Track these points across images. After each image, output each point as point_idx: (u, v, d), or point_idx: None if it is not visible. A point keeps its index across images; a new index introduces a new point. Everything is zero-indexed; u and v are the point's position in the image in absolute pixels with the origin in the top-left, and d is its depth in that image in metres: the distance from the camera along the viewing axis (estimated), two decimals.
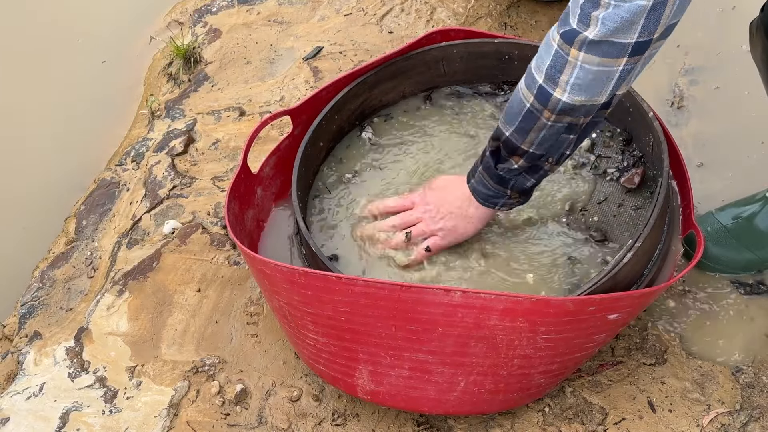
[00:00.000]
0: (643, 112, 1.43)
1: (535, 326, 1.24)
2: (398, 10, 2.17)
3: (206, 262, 1.71)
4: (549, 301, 1.23)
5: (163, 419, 1.50)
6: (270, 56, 2.12)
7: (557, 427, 1.44)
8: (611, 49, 1.07)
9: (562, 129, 1.19)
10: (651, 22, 1.05)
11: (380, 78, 1.58)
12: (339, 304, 1.25)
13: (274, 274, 1.29)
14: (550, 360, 1.32)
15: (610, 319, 1.29)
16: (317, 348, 1.36)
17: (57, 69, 2.27)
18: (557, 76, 1.13)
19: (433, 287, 1.21)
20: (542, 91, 1.15)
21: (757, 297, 1.58)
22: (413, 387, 1.33)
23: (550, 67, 1.14)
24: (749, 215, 1.58)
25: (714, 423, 1.43)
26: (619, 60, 1.09)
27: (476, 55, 1.58)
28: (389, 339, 1.27)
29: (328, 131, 1.55)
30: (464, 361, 1.29)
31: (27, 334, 1.67)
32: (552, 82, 1.14)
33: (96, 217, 1.87)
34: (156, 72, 2.20)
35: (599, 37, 1.07)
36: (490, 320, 1.22)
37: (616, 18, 1.04)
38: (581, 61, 1.10)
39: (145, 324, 1.64)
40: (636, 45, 1.07)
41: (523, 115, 1.20)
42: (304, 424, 1.47)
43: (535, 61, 1.18)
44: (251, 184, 1.48)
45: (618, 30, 1.05)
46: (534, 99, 1.17)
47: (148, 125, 2.05)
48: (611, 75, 1.11)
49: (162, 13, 2.34)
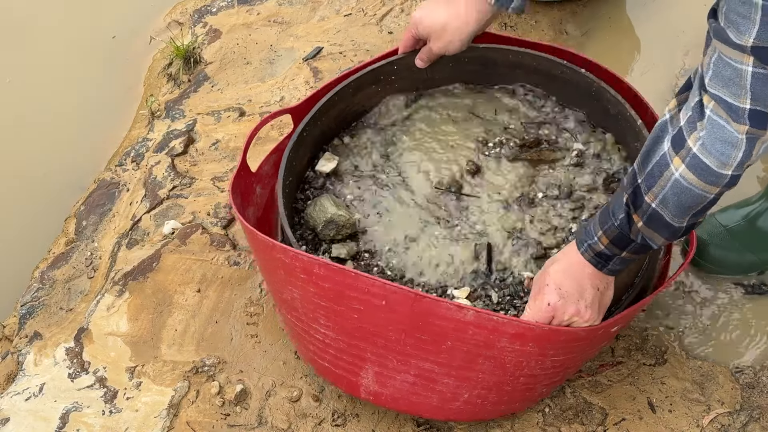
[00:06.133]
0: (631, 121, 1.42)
1: (544, 350, 1.25)
2: (398, 11, 2.17)
3: (206, 263, 1.71)
4: (560, 331, 1.23)
5: (163, 419, 1.50)
6: (270, 56, 2.12)
7: (557, 427, 1.44)
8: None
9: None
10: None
11: (362, 83, 1.54)
12: (354, 301, 1.25)
13: (293, 262, 1.27)
14: (555, 375, 1.34)
15: (612, 331, 1.32)
16: (325, 343, 1.35)
17: (57, 69, 2.27)
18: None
19: (447, 302, 1.21)
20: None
21: (757, 297, 1.58)
22: (417, 393, 1.33)
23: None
24: (750, 217, 1.58)
25: (714, 423, 1.43)
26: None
27: (460, 60, 1.56)
28: (398, 343, 1.27)
29: (311, 137, 1.52)
30: (470, 376, 1.29)
31: (27, 334, 1.67)
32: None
33: (96, 217, 1.86)
34: (156, 72, 2.20)
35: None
36: (500, 342, 1.22)
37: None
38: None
39: (145, 324, 1.64)
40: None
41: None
42: (304, 425, 1.47)
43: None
44: (251, 182, 1.48)
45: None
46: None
47: (148, 125, 2.05)
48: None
49: (162, 13, 2.34)
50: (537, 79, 1.56)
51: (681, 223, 1.12)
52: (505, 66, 1.56)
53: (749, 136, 1.00)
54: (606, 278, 1.24)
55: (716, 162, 1.03)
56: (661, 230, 1.14)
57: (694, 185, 1.06)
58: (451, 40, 1.44)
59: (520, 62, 1.54)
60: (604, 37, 2.05)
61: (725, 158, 1.02)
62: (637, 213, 1.15)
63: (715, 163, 1.03)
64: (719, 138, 1.02)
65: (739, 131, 1.00)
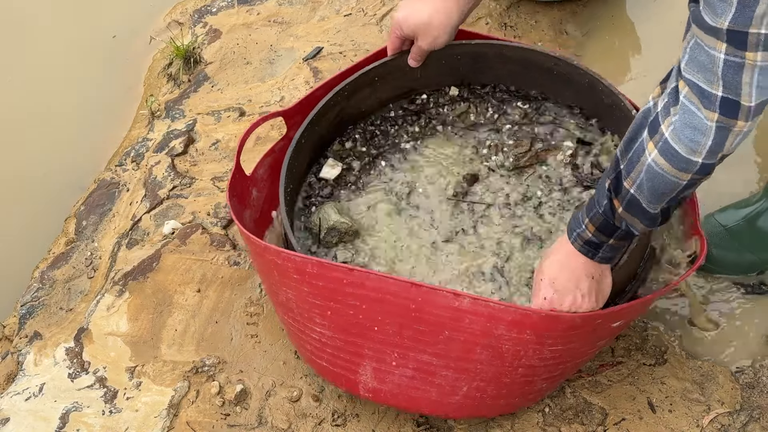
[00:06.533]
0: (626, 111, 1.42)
1: (542, 339, 1.25)
2: None
3: (206, 263, 1.71)
4: (557, 317, 1.23)
5: (163, 419, 1.50)
6: (270, 56, 2.12)
7: (557, 427, 1.44)
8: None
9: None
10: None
11: (357, 86, 1.54)
12: (350, 297, 1.25)
13: (285, 264, 1.28)
14: (554, 368, 1.33)
15: (613, 326, 1.32)
16: (322, 342, 1.35)
17: (57, 69, 2.27)
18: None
19: (443, 289, 1.21)
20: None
21: (757, 297, 1.58)
22: (416, 387, 1.33)
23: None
24: (750, 217, 1.58)
25: (714, 423, 1.42)
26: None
27: (450, 57, 1.56)
28: (396, 337, 1.27)
29: (309, 143, 1.53)
30: (468, 367, 1.29)
31: (27, 334, 1.67)
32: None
33: (96, 217, 1.86)
34: (156, 72, 2.20)
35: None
36: (497, 330, 1.22)
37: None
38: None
39: (145, 324, 1.64)
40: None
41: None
42: (304, 425, 1.47)
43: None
44: (246, 185, 1.48)
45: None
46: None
47: (148, 125, 2.05)
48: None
49: (162, 13, 2.34)
50: (527, 73, 1.56)
51: (655, 209, 1.13)
52: (497, 60, 1.56)
53: (719, 124, 1.00)
54: (600, 266, 1.25)
55: (685, 148, 1.04)
56: (639, 216, 1.15)
57: (665, 171, 1.07)
58: (438, 34, 1.45)
59: (511, 56, 1.55)
60: (604, 37, 2.05)
61: (694, 145, 1.03)
62: (617, 198, 1.16)
63: (684, 150, 1.04)
64: (689, 124, 1.02)
65: (708, 118, 1.01)
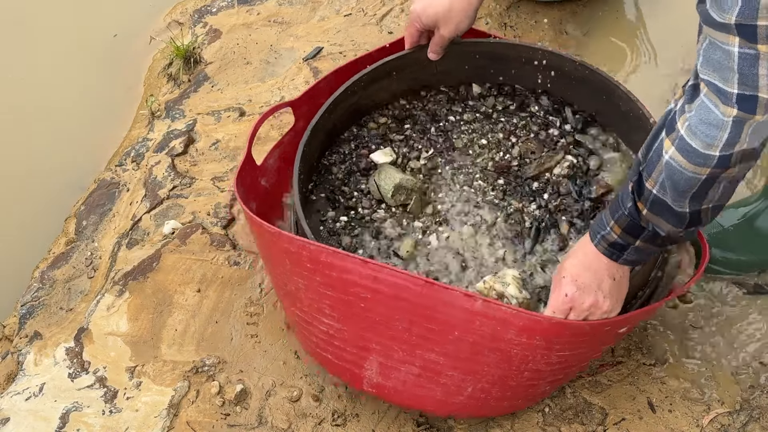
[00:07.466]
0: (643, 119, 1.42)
1: (551, 344, 1.25)
2: (398, 11, 2.17)
3: (206, 263, 1.71)
4: (568, 324, 1.23)
5: (163, 419, 1.50)
6: (270, 56, 2.12)
7: (557, 427, 1.44)
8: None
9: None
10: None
11: (374, 77, 1.55)
12: (362, 289, 1.24)
13: (299, 251, 1.26)
14: (559, 372, 1.33)
15: (620, 332, 1.32)
16: (329, 334, 1.34)
17: (57, 68, 2.27)
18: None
19: (457, 289, 1.21)
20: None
21: (757, 297, 1.58)
22: (421, 386, 1.33)
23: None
24: (749, 217, 1.58)
25: (714, 423, 1.42)
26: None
27: (470, 55, 1.57)
28: (405, 333, 1.26)
29: (323, 130, 1.53)
30: (476, 369, 1.28)
31: (27, 334, 1.67)
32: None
33: (96, 217, 1.87)
34: (156, 72, 2.20)
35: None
36: (507, 334, 1.22)
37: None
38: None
39: (145, 324, 1.64)
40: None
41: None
42: (304, 425, 1.47)
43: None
44: (255, 175, 1.47)
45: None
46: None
47: (148, 125, 2.05)
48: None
49: (162, 13, 2.34)
50: (546, 75, 1.56)
51: (682, 207, 1.12)
52: (515, 61, 1.56)
53: (736, 118, 1.00)
54: (622, 268, 1.25)
55: (701, 143, 1.04)
56: (665, 215, 1.14)
57: (683, 167, 1.07)
58: (460, 19, 1.44)
59: (530, 58, 1.54)
60: (604, 37, 2.05)
61: (710, 139, 1.03)
62: (641, 200, 1.16)
63: (700, 145, 1.04)
64: (705, 120, 1.03)
65: (726, 114, 1.01)
